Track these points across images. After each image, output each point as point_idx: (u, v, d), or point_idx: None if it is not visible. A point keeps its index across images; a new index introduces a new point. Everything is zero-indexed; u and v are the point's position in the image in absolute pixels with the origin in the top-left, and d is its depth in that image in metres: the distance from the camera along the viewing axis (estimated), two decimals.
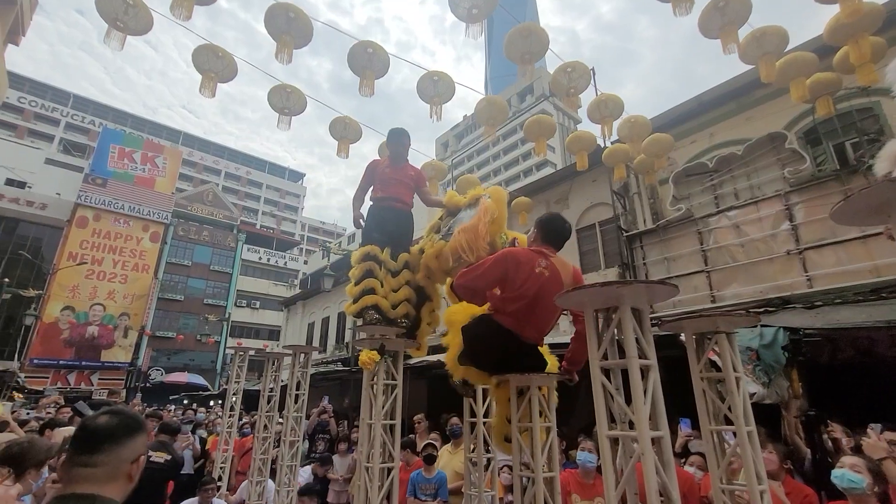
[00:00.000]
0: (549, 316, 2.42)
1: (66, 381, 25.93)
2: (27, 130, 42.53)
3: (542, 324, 2.44)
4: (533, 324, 2.38)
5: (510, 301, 2.34)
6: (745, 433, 1.78)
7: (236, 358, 5.90)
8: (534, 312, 2.32)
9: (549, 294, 2.18)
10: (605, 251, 9.67)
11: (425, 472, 4.19)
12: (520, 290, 2.30)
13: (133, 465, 1.20)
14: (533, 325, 2.39)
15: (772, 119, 7.58)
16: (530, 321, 2.35)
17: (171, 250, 32.02)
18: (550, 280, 2.31)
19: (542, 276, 2.30)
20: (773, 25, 4.63)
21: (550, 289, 2.23)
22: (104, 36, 4.48)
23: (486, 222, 2.81)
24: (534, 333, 2.43)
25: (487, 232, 2.82)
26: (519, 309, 2.32)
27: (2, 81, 11.56)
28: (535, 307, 2.31)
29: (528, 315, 2.33)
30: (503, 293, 2.40)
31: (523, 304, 2.30)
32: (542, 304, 2.30)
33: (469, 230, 2.88)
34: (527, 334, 2.37)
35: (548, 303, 2.20)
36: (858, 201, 1.28)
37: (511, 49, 4.82)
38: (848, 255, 6.46)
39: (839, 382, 4.79)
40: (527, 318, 2.34)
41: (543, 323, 2.44)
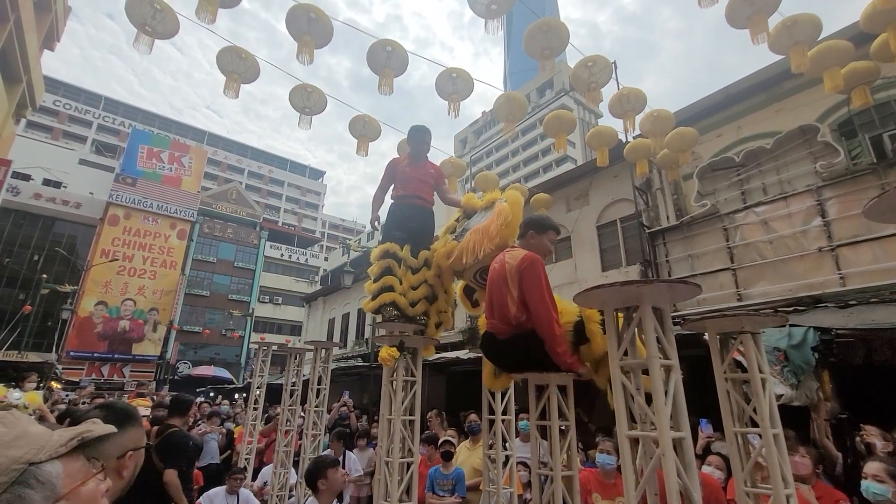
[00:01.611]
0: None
1: (99, 373, 27.02)
2: (62, 132, 44.29)
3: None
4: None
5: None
6: (772, 436, 1.73)
7: (260, 353, 6.04)
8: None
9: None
10: (626, 248, 9.50)
11: (443, 469, 4.22)
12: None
13: (120, 461, 1.14)
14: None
15: (803, 111, 7.30)
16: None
17: (197, 247, 32.93)
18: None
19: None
20: (805, 13, 4.45)
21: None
22: (133, 40, 4.62)
23: (499, 224, 2.79)
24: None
25: (498, 234, 2.80)
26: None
27: (39, 85, 12.06)
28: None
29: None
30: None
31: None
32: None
33: (480, 231, 2.89)
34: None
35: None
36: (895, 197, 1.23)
37: (531, 44, 4.77)
38: (885, 252, 6.19)
39: (874, 385, 4.60)
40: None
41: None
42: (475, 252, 2.88)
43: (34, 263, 26.98)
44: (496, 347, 2.42)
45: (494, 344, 2.40)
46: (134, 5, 4.51)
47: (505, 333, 2.31)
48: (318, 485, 2.42)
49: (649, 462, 1.51)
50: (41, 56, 11.81)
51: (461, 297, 3.44)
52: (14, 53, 9.45)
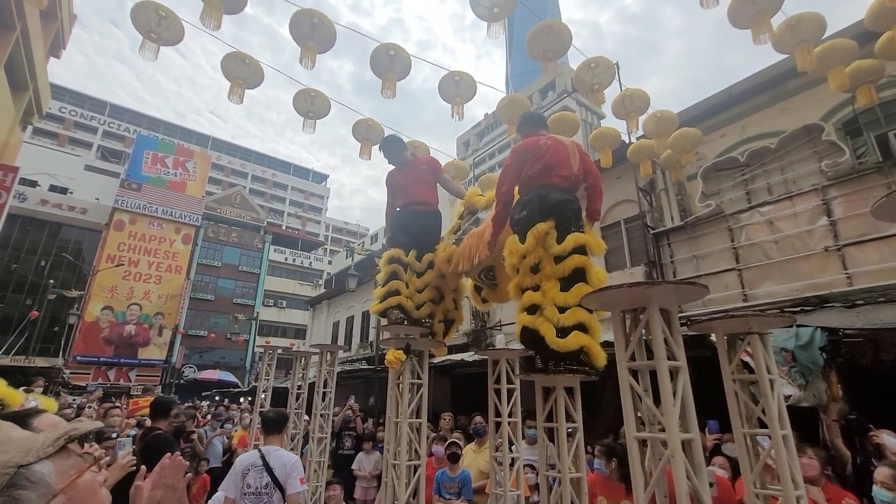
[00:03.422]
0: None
1: (106, 378, 27.16)
2: (68, 139, 44.67)
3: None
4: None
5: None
6: (780, 437, 1.72)
7: (265, 356, 6.06)
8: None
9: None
10: (630, 249, 9.47)
11: (449, 471, 4.21)
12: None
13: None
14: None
15: (807, 110, 7.26)
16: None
17: (202, 252, 33.10)
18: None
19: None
20: (808, 12, 4.44)
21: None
22: (139, 47, 4.67)
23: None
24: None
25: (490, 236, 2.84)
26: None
27: (45, 93, 12.18)
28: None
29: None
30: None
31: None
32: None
33: (476, 236, 2.92)
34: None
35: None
36: None
37: (533, 47, 4.78)
38: (892, 251, 6.15)
39: (883, 385, 4.56)
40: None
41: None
42: (471, 259, 2.92)
43: (41, 269, 27.18)
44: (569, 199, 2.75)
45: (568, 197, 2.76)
46: (139, 13, 4.56)
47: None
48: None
49: (658, 464, 1.51)
50: (47, 63, 11.93)
51: (472, 293, 3.45)
52: (21, 61, 9.55)
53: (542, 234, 2.49)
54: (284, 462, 3.07)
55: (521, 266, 2.50)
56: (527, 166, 2.84)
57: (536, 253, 2.49)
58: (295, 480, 2.96)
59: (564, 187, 2.80)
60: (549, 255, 2.45)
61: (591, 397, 6.35)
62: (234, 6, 4.55)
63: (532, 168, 2.82)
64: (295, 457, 3.17)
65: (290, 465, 3.04)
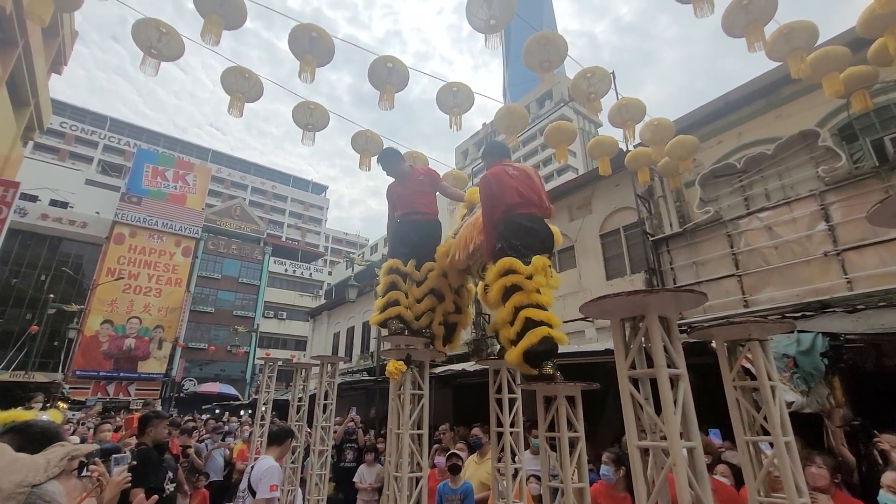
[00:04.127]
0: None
1: (105, 392, 27.00)
2: (68, 153, 44.96)
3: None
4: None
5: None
6: (783, 444, 1.71)
7: (266, 369, 6.03)
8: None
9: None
10: (630, 256, 9.48)
11: (451, 483, 4.17)
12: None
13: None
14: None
15: (803, 116, 7.32)
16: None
17: (202, 264, 33.11)
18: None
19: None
20: (801, 21, 4.50)
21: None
22: (140, 63, 4.73)
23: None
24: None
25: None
26: None
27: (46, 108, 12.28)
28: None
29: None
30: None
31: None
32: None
33: (470, 225, 2.97)
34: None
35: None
36: None
37: (529, 57, 4.83)
38: (892, 255, 6.15)
39: (886, 390, 4.53)
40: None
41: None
42: (466, 246, 2.96)
43: (41, 283, 27.18)
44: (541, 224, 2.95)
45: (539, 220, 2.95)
46: (140, 29, 4.62)
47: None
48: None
49: (660, 472, 1.49)
50: (49, 79, 12.05)
51: (480, 294, 3.44)
52: (23, 78, 9.65)
53: (545, 266, 2.74)
54: (260, 468, 3.21)
55: (526, 285, 2.64)
56: (507, 194, 2.95)
57: (537, 282, 2.70)
58: (265, 486, 3.06)
59: (540, 217, 3.01)
60: (549, 287, 2.73)
61: (595, 407, 6.31)
62: (233, 22, 4.61)
63: (511, 197, 2.94)
64: (271, 464, 3.25)
65: (263, 471, 3.17)
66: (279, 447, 3.51)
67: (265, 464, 3.25)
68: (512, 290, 2.64)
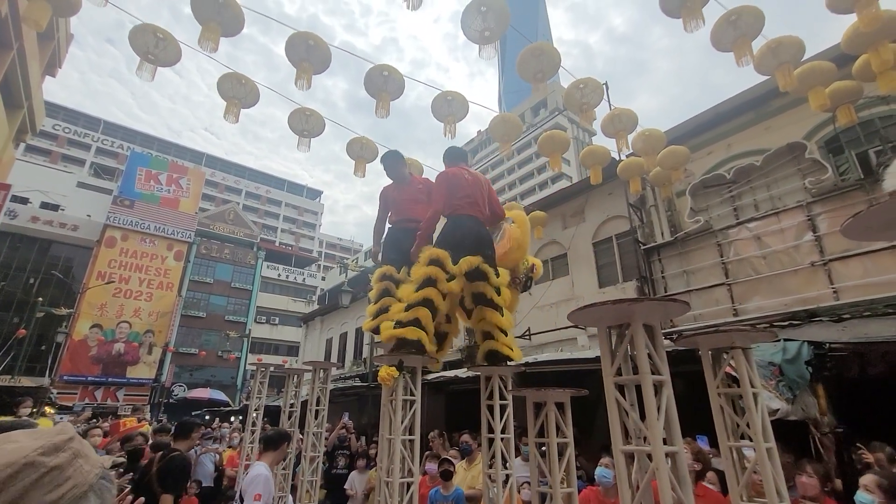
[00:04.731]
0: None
1: (93, 397, 26.60)
2: (60, 156, 44.57)
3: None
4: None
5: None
6: (765, 450, 1.76)
7: (258, 374, 6.01)
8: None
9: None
10: (622, 264, 9.57)
11: (443, 490, 4.18)
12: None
13: None
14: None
15: (791, 129, 7.48)
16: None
17: (194, 268, 32.86)
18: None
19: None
20: (788, 36, 4.63)
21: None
22: (136, 68, 4.76)
23: (512, 249, 3.07)
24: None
25: (510, 259, 3.06)
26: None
27: (39, 111, 12.23)
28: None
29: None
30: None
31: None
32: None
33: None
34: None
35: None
36: (869, 217, 1.30)
37: (524, 68, 4.92)
38: (876, 266, 6.28)
39: (870, 398, 4.62)
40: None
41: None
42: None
43: (30, 287, 26.83)
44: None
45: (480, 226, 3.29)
46: (137, 35, 4.65)
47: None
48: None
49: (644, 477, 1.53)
50: (43, 82, 12.01)
51: (458, 309, 3.50)
52: (16, 80, 9.61)
53: (478, 269, 3.04)
54: (249, 476, 3.20)
55: (447, 287, 2.99)
56: (456, 192, 3.30)
57: (460, 284, 3.04)
58: (250, 497, 3.02)
59: (482, 221, 3.34)
60: (492, 287, 3.06)
61: (586, 414, 6.34)
62: (231, 30, 4.66)
63: (460, 198, 3.29)
64: (258, 472, 3.21)
65: (249, 480, 3.17)
66: (274, 452, 3.45)
67: (254, 472, 3.21)
68: (429, 282, 2.95)
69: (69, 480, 0.65)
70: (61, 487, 0.64)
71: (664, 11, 4.32)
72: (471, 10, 4.48)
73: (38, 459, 0.63)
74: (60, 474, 0.65)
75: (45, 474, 0.63)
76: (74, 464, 0.67)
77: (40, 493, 0.62)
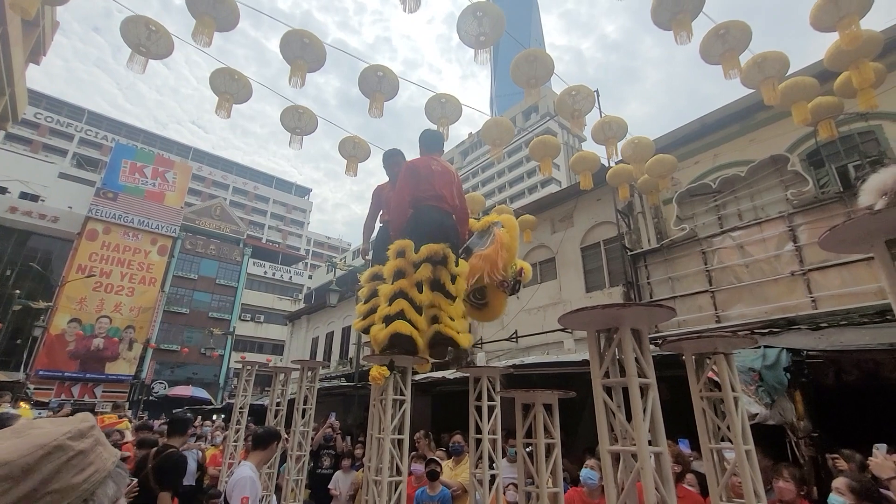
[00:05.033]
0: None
1: (69, 393, 25.95)
2: (42, 145, 43.50)
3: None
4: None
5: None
6: (744, 452, 1.83)
7: (244, 372, 5.96)
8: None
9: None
10: (609, 270, 9.70)
11: (429, 490, 4.20)
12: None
13: None
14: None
15: (774, 141, 7.68)
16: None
17: (178, 264, 32.30)
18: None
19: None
20: (773, 51, 4.77)
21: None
22: (127, 60, 4.69)
23: (503, 253, 3.11)
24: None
25: (501, 262, 3.10)
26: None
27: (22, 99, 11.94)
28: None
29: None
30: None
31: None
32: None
33: (483, 258, 3.26)
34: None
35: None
36: (843, 232, 1.37)
37: (517, 74, 4.98)
38: (853, 276, 6.48)
39: (844, 404, 4.77)
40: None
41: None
42: (480, 280, 3.21)
43: (6, 279, 26.09)
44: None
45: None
46: (129, 27, 4.59)
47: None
48: None
49: (629, 476, 1.58)
50: (26, 69, 11.73)
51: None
52: None
53: (439, 255, 3.09)
54: (234, 478, 3.11)
55: (409, 273, 3.06)
56: (420, 184, 3.38)
57: (428, 268, 3.06)
58: (236, 499, 2.94)
59: (450, 213, 3.41)
60: (448, 273, 3.08)
61: (571, 417, 6.42)
62: (226, 24, 4.63)
63: (424, 189, 3.36)
64: (243, 474, 3.12)
65: (234, 483, 3.06)
66: (263, 451, 3.33)
67: (239, 473, 3.13)
68: (399, 275, 3.04)
69: (91, 465, 0.69)
70: (85, 471, 0.68)
71: (656, 24, 4.41)
72: (467, 14, 4.52)
73: (67, 443, 0.67)
74: (84, 458, 0.69)
75: (73, 457, 0.67)
76: (96, 450, 0.71)
77: (68, 475, 0.65)
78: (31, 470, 0.62)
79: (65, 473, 0.65)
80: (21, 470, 0.61)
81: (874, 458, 2.72)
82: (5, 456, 0.61)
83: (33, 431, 0.67)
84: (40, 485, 0.62)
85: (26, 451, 0.63)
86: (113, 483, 0.72)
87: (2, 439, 0.65)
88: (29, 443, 0.64)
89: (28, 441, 0.64)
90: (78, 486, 0.66)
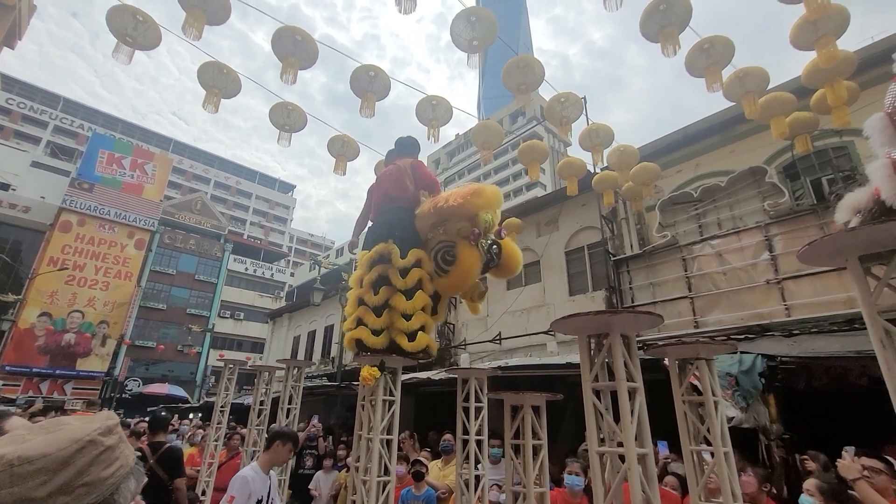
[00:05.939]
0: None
1: (38, 390, 25.07)
2: (13, 132, 41.97)
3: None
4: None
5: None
6: (723, 454, 1.91)
7: (225, 370, 5.87)
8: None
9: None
10: (592, 274, 9.87)
11: (415, 490, 4.22)
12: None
13: None
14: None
15: (753, 153, 7.94)
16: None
17: (156, 258, 31.52)
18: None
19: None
20: (754, 66, 4.95)
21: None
22: (113, 50, 4.59)
23: (467, 192, 2.97)
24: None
25: (464, 199, 2.93)
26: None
27: None
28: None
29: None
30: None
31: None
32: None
33: (450, 196, 3.11)
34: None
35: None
36: (820, 247, 1.45)
37: (508, 80, 5.05)
38: (824, 286, 6.74)
39: (815, 409, 4.97)
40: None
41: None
42: (447, 232, 3.09)
43: None
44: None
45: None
46: (116, 16, 4.49)
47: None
48: None
49: (616, 477, 1.64)
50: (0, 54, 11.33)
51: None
52: None
53: (385, 252, 3.10)
54: (231, 480, 3.08)
55: (395, 279, 3.03)
56: (374, 197, 3.61)
57: (376, 269, 3.09)
58: (225, 499, 2.97)
59: (403, 206, 3.38)
60: (395, 268, 3.02)
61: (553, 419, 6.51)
62: (217, 18, 4.57)
63: (375, 199, 3.58)
64: (239, 474, 3.11)
65: (230, 483, 3.02)
66: (267, 452, 3.23)
67: (238, 473, 3.12)
68: (382, 282, 3.05)
69: (117, 461, 0.73)
70: (112, 466, 0.71)
71: (644, 36, 4.53)
72: (460, 19, 4.57)
73: (98, 438, 0.70)
74: (112, 454, 0.72)
75: (103, 452, 0.71)
76: (121, 446, 0.75)
77: (98, 469, 0.69)
78: (67, 463, 0.65)
79: (96, 467, 0.69)
80: (58, 462, 0.64)
81: (842, 461, 2.86)
82: (43, 449, 0.64)
83: (65, 427, 0.70)
84: (74, 477, 0.65)
85: (63, 444, 0.66)
86: (134, 479, 0.75)
87: (33, 435, 0.68)
88: (65, 437, 0.67)
89: (63, 435, 0.68)
90: (106, 479, 0.69)
